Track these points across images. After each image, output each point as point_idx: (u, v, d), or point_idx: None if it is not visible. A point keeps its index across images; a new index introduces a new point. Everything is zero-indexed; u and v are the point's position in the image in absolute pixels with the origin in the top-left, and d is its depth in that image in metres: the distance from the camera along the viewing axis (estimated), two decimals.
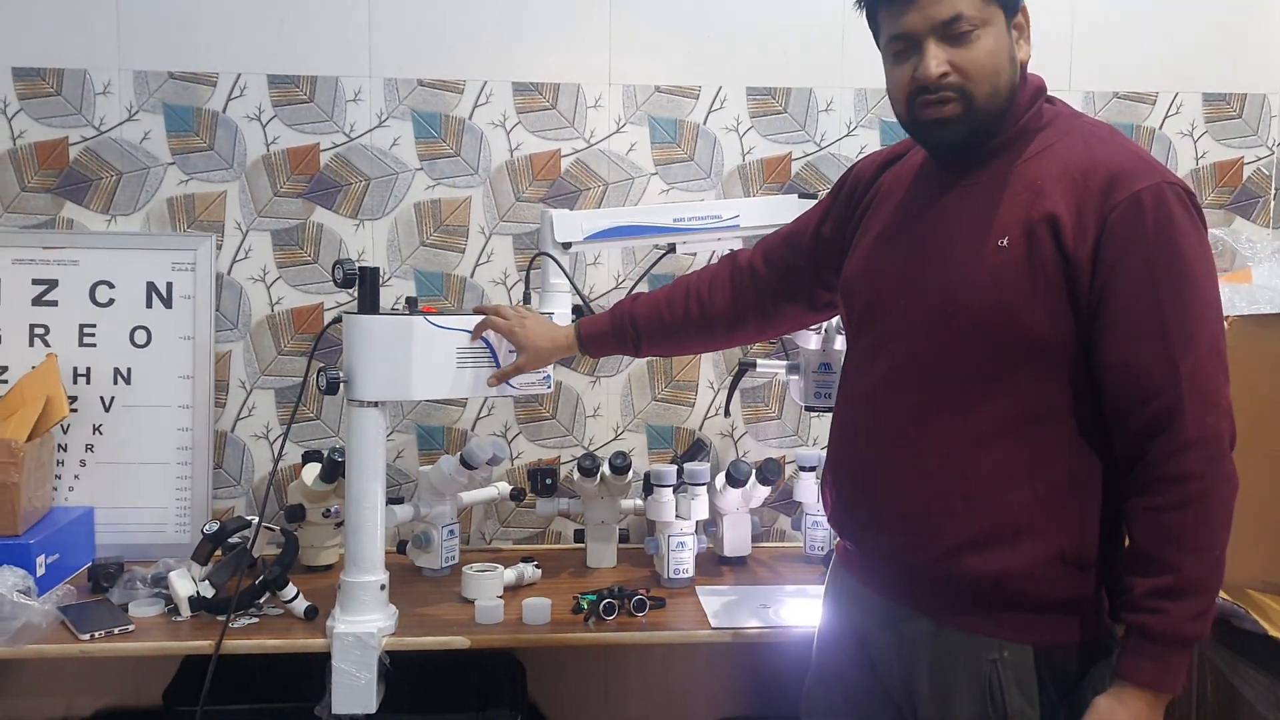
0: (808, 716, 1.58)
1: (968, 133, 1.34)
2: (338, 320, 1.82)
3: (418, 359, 1.77)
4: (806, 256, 1.63)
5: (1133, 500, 1.29)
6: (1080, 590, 1.33)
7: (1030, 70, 1.38)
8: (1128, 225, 1.24)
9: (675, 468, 2.14)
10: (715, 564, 2.25)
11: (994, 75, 1.31)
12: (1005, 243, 1.29)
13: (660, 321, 1.75)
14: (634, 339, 1.77)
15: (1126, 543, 1.32)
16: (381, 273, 1.94)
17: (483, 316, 1.84)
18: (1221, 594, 1.73)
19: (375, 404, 1.77)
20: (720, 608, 1.97)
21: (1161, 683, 1.26)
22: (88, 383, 2.24)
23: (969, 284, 1.32)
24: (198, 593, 1.89)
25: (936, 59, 1.30)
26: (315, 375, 1.79)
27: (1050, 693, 1.34)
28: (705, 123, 2.37)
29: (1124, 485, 1.31)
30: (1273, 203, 2.46)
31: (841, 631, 1.53)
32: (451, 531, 2.16)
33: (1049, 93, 1.39)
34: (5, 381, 2.21)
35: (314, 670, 1.80)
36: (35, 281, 2.23)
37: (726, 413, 2.36)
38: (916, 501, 1.37)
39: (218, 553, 1.94)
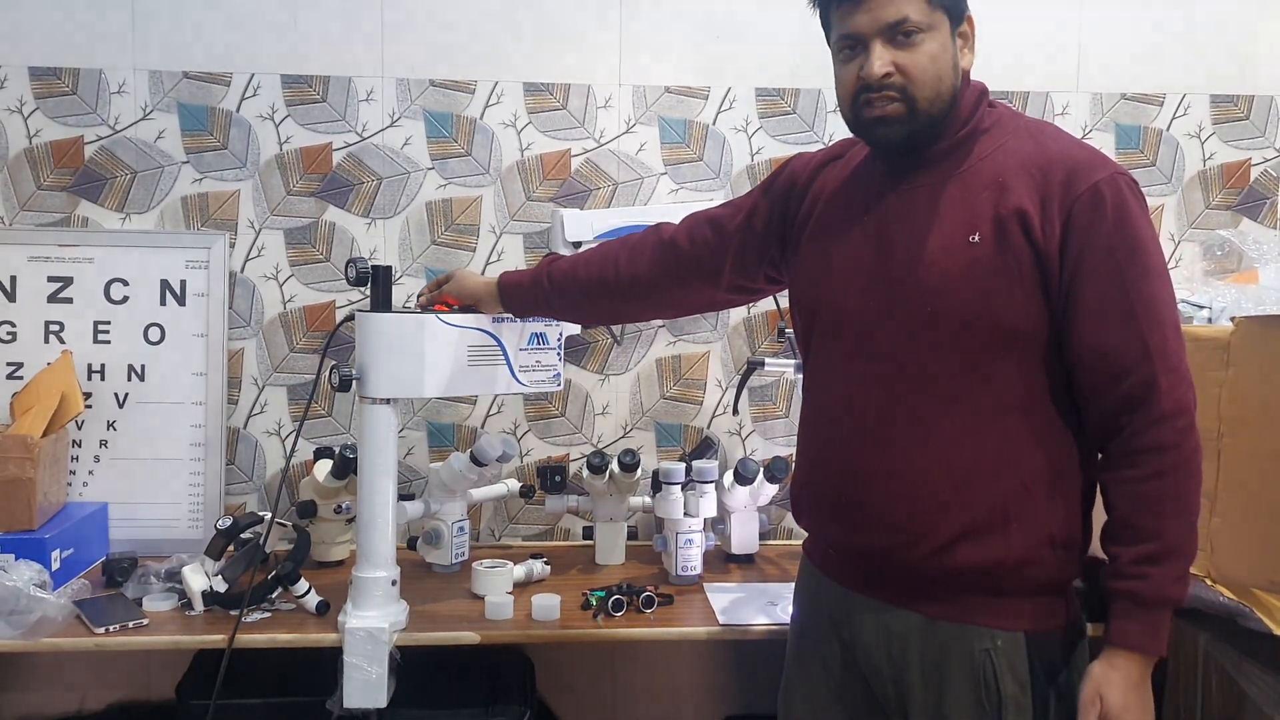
0: (786, 712, 1.60)
1: (909, 133, 1.37)
2: (350, 318, 1.84)
3: (429, 357, 1.78)
4: (731, 241, 1.64)
5: (1110, 474, 1.36)
6: (1067, 572, 1.40)
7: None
8: (1089, 215, 1.31)
9: (684, 465, 2.15)
10: (723, 561, 2.26)
11: (936, 79, 1.36)
12: (977, 238, 1.34)
13: (575, 279, 1.75)
14: (547, 294, 1.77)
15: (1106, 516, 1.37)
16: (393, 271, 1.95)
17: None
18: (1226, 593, 1.74)
19: (387, 401, 1.78)
20: (728, 605, 1.98)
21: (1150, 645, 1.32)
22: (102, 379, 2.26)
23: (944, 280, 1.35)
24: (211, 587, 1.91)
25: (881, 59, 1.35)
26: (328, 372, 1.80)
27: (1040, 677, 1.38)
28: (714, 123, 2.38)
29: (1101, 462, 1.38)
30: None
31: (818, 631, 1.53)
32: (461, 528, 2.17)
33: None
34: (21, 378, 2.23)
35: (325, 665, 1.81)
36: (51, 279, 2.25)
37: (734, 411, 2.38)
38: (907, 500, 1.39)
39: (230, 548, 1.95)
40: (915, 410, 1.38)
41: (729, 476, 2.21)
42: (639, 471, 2.22)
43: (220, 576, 1.92)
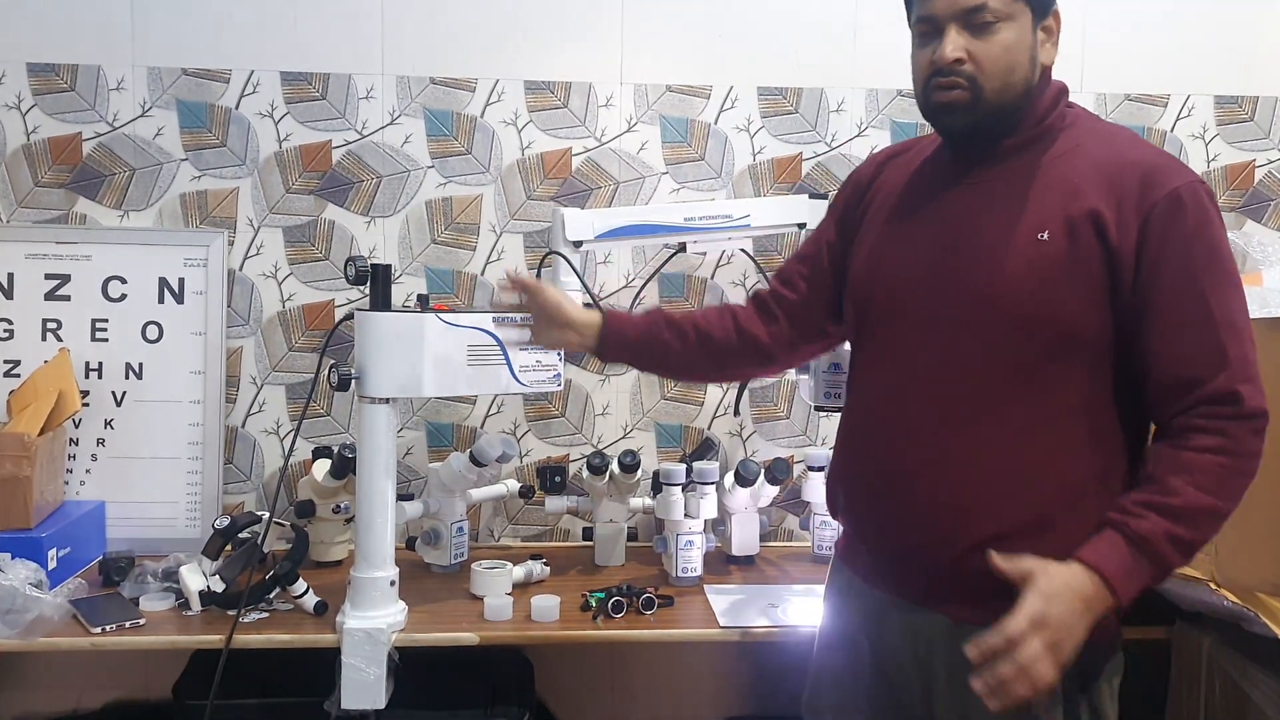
0: (810, 715, 1.58)
1: (973, 121, 1.36)
2: (350, 317, 1.83)
3: (429, 356, 1.77)
4: (826, 268, 1.59)
5: (1161, 443, 1.31)
6: None
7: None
8: (1168, 221, 1.28)
9: (684, 466, 2.14)
10: (723, 563, 2.25)
11: (1008, 71, 1.34)
12: (1045, 236, 1.31)
13: (695, 326, 1.62)
14: (661, 338, 1.62)
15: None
16: (393, 270, 1.94)
17: (517, 281, 1.63)
18: (1231, 597, 1.73)
19: (386, 400, 1.77)
20: (728, 606, 1.97)
21: (1116, 576, 1.24)
22: (99, 377, 2.25)
23: (1006, 276, 1.33)
24: (208, 587, 1.90)
25: (954, 44, 1.33)
26: (327, 371, 1.79)
27: (1072, 686, 1.33)
28: (716, 122, 2.37)
29: (1157, 434, 1.35)
30: None
31: (846, 630, 1.53)
32: (460, 528, 2.17)
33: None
34: (18, 375, 2.22)
35: (324, 665, 1.80)
36: (48, 276, 2.24)
37: (735, 412, 2.37)
38: (948, 497, 1.36)
39: (228, 548, 1.94)
40: (963, 409, 1.36)
41: (729, 478, 2.21)
42: (639, 472, 2.21)
43: (218, 576, 1.91)
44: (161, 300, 2.27)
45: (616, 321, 1.63)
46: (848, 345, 2.03)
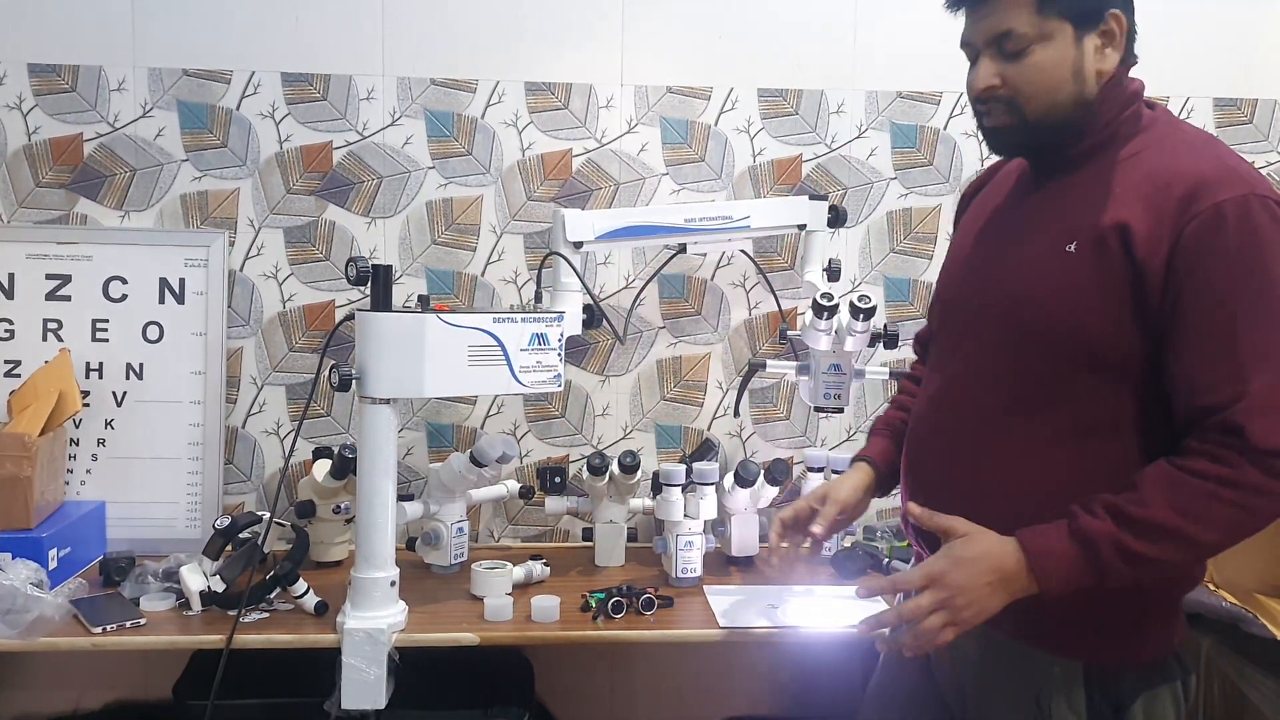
0: (866, 713, 1.59)
1: (1021, 142, 1.36)
2: (350, 317, 1.83)
3: (430, 357, 1.77)
4: None
5: (1160, 460, 1.24)
6: (1133, 608, 1.30)
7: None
8: (1206, 237, 1.20)
9: (684, 467, 2.14)
10: (723, 564, 2.25)
11: (1048, 91, 1.30)
12: (1073, 248, 1.27)
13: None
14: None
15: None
16: (393, 271, 1.94)
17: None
18: (1229, 598, 1.74)
19: (387, 401, 1.77)
20: (728, 607, 1.97)
21: (1042, 561, 1.22)
22: (100, 378, 2.25)
23: (1031, 287, 1.31)
24: (209, 587, 1.90)
25: (986, 72, 1.32)
26: (327, 372, 1.80)
27: (1100, 710, 1.30)
28: (716, 124, 2.37)
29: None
30: None
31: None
32: (460, 529, 2.17)
33: (1148, 98, 1.36)
34: (19, 376, 2.22)
35: (324, 665, 1.80)
36: (49, 276, 2.24)
37: (735, 413, 2.37)
38: (971, 506, 1.33)
39: (229, 548, 1.94)
40: (992, 418, 1.35)
41: (729, 478, 2.21)
42: (639, 473, 2.21)
43: (218, 576, 1.91)
44: (162, 300, 2.27)
45: (879, 462, 1.63)
46: (852, 346, 2.05)
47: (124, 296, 2.26)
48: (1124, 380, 1.27)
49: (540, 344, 1.89)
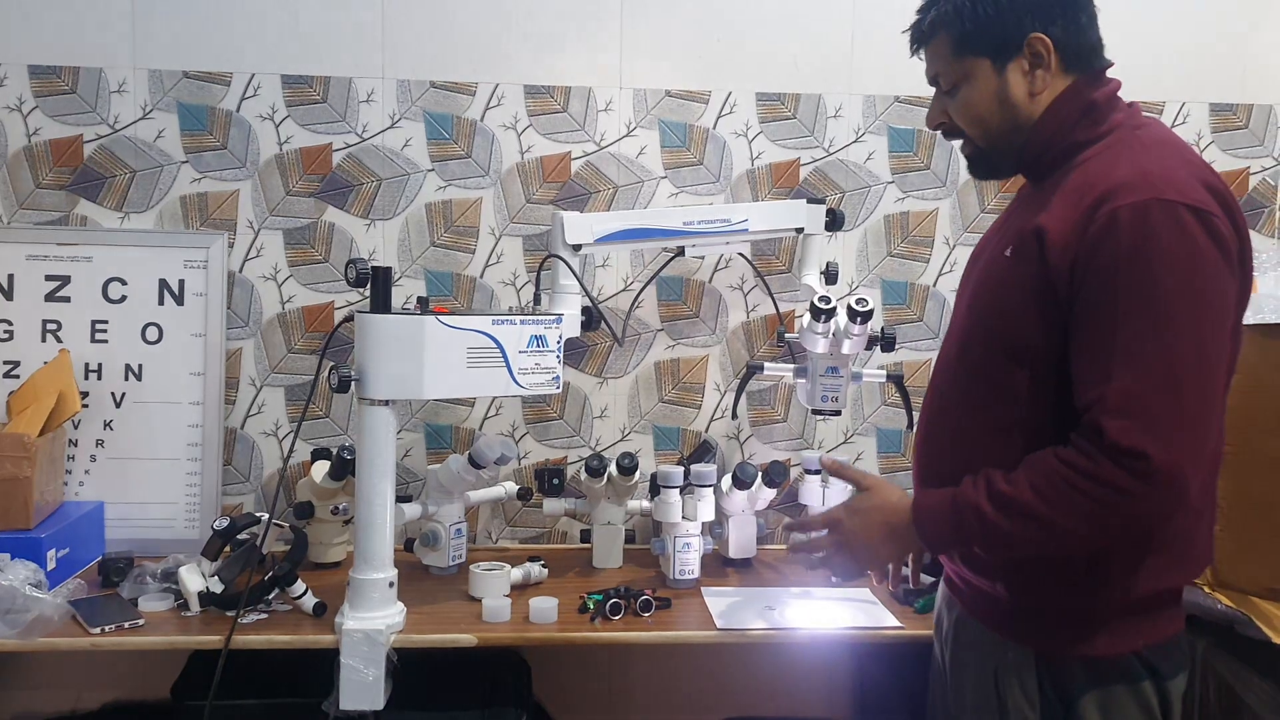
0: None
1: (987, 165, 1.47)
2: (349, 319, 1.84)
3: (429, 358, 1.78)
4: None
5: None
6: (1088, 602, 1.33)
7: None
8: (1102, 241, 1.23)
9: (682, 469, 2.15)
10: (720, 565, 2.26)
11: (980, 121, 1.42)
12: (1009, 252, 1.36)
13: None
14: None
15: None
16: (392, 272, 1.95)
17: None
18: (1225, 600, 1.74)
19: (386, 402, 1.78)
20: (725, 609, 1.98)
21: (923, 516, 1.36)
22: (99, 378, 2.26)
23: (980, 291, 1.42)
24: (207, 588, 1.90)
25: (934, 109, 1.48)
26: (326, 373, 1.80)
27: (1051, 699, 1.35)
28: (715, 127, 2.38)
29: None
30: (1278, 213, 2.47)
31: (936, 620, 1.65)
32: (459, 530, 2.17)
33: (1123, 104, 1.42)
34: (18, 376, 2.23)
35: (322, 666, 1.80)
36: (49, 277, 2.25)
37: (733, 415, 2.38)
38: (923, 486, 1.49)
39: (227, 549, 1.95)
40: (954, 418, 1.44)
41: (727, 480, 2.21)
42: (637, 475, 2.22)
43: (216, 577, 1.92)
44: (161, 302, 2.28)
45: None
46: (849, 349, 2.06)
47: (123, 298, 2.27)
48: (1045, 379, 1.32)
49: (539, 346, 1.90)
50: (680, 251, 2.25)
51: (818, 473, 2.30)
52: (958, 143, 1.48)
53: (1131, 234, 1.21)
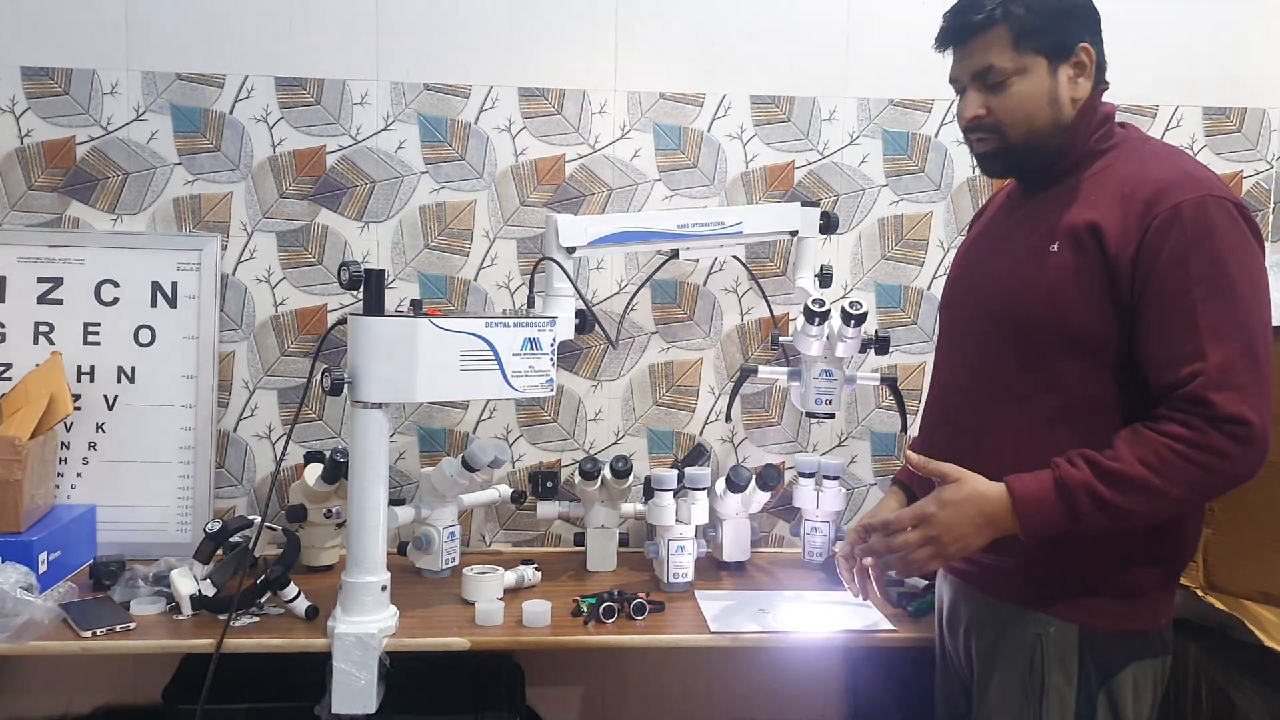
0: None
1: (1006, 165, 1.52)
2: (342, 322, 1.83)
3: (422, 361, 1.78)
4: None
5: (1134, 424, 1.37)
6: (1130, 576, 1.42)
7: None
8: (1165, 233, 1.34)
9: (676, 472, 2.15)
10: (714, 569, 2.25)
11: (1027, 118, 1.46)
12: (1055, 248, 1.42)
13: None
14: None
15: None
16: (386, 275, 1.95)
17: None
18: (1217, 604, 1.75)
19: (379, 405, 1.77)
20: (719, 612, 1.98)
21: (1025, 503, 1.36)
22: (91, 381, 2.25)
23: (1025, 286, 1.45)
24: (199, 591, 1.90)
25: (972, 104, 1.49)
26: (319, 376, 1.80)
27: (1090, 675, 1.43)
28: (709, 130, 2.38)
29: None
30: (1272, 216, 2.48)
31: (941, 617, 1.69)
32: (452, 533, 2.17)
33: (1120, 118, 1.52)
34: (9, 379, 2.22)
35: (314, 670, 1.80)
36: (40, 279, 2.24)
37: (728, 418, 2.38)
38: None
39: (219, 552, 1.94)
40: (992, 402, 1.49)
41: (721, 484, 2.21)
42: (631, 478, 2.22)
43: (208, 580, 1.91)
44: (154, 304, 2.27)
45: (911, 483, 1.75)
46: (843, 352, 2.06)
47: (116, 300, 2.26)
48: (1103, 364, 1.41)
49: (533, 349, 1.89)
50: (674, 254, 2.24)
51: (811, 475, 2.30)
52: (978, 141, 1.51)
53: (1195, 226, 1.33)
